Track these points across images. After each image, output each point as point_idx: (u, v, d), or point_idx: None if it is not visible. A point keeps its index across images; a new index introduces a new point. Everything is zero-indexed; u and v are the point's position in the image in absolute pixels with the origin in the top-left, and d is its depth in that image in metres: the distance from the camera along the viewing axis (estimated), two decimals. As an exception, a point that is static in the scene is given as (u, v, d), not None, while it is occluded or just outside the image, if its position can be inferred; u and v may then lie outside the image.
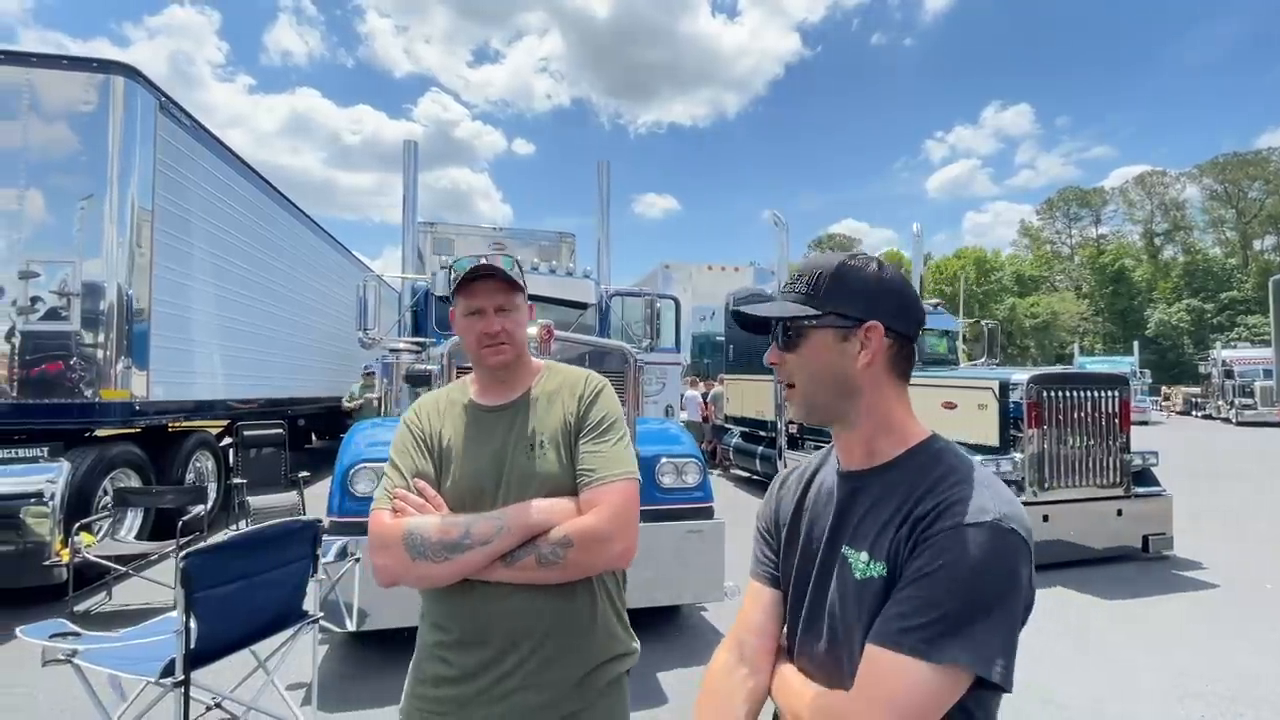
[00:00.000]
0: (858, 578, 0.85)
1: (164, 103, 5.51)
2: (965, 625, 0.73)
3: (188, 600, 2.36)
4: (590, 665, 1.26)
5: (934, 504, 0.80)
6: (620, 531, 1.22)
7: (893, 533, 0.83)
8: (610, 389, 1.41)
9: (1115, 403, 5.69)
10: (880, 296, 0.89)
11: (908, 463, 0.88)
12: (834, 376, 0.90)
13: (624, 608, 1.39)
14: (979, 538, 0.75)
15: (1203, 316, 48.39)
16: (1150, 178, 60.25)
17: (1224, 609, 4.60)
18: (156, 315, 5.46)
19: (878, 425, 0.90)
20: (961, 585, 0.74)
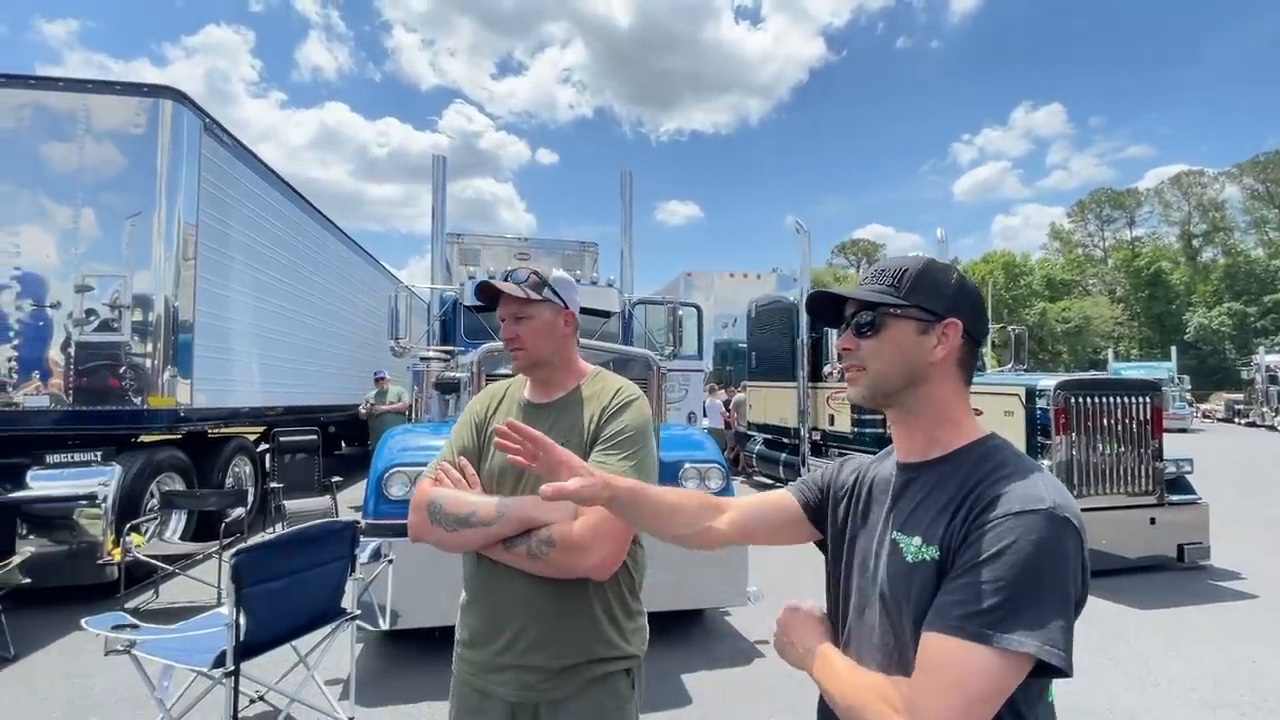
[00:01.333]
0: (909, 560, 0.89)
1: (208, 123, 5.78)
2: (1025, 610, 0.75)
3: (238, 595, 2.50)
4: (572, 659, 1.32)
5: (988, 493, 0.84)
6: (597, 545, 1.25)
7: (947, 520, 0.87)
8: (641, 404, 1.42)
9: (1147, 409, 5.59)
10: (961, 298, 0.96)
11: (963, 456, 0.93)
12: (907, 365, 0.95)
13: (630, 614, 1.41)
14: (1034, 524, 0.78)
15: (1245, 320, 46.71)
16: (1187, 178, 58.51)
17: (1262, 619, 4.49)
18: (199, 326, 5.71)
19: (941, 416, 0.96)
20: (1019, 571, 0.76)
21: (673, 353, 6.46)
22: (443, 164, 6.69)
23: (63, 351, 5.05)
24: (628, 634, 1.40)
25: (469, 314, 6.05)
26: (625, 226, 7.05)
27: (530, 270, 1.48)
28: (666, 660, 3.80)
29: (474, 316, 6.00)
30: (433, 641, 3.87)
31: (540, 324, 1.44)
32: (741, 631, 4.30)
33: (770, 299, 10.27)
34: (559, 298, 1.47)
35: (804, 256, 8.58)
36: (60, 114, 5.16)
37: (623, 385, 1.46)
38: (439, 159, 6.63)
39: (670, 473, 4.08)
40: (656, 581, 3.79)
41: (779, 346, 9.45)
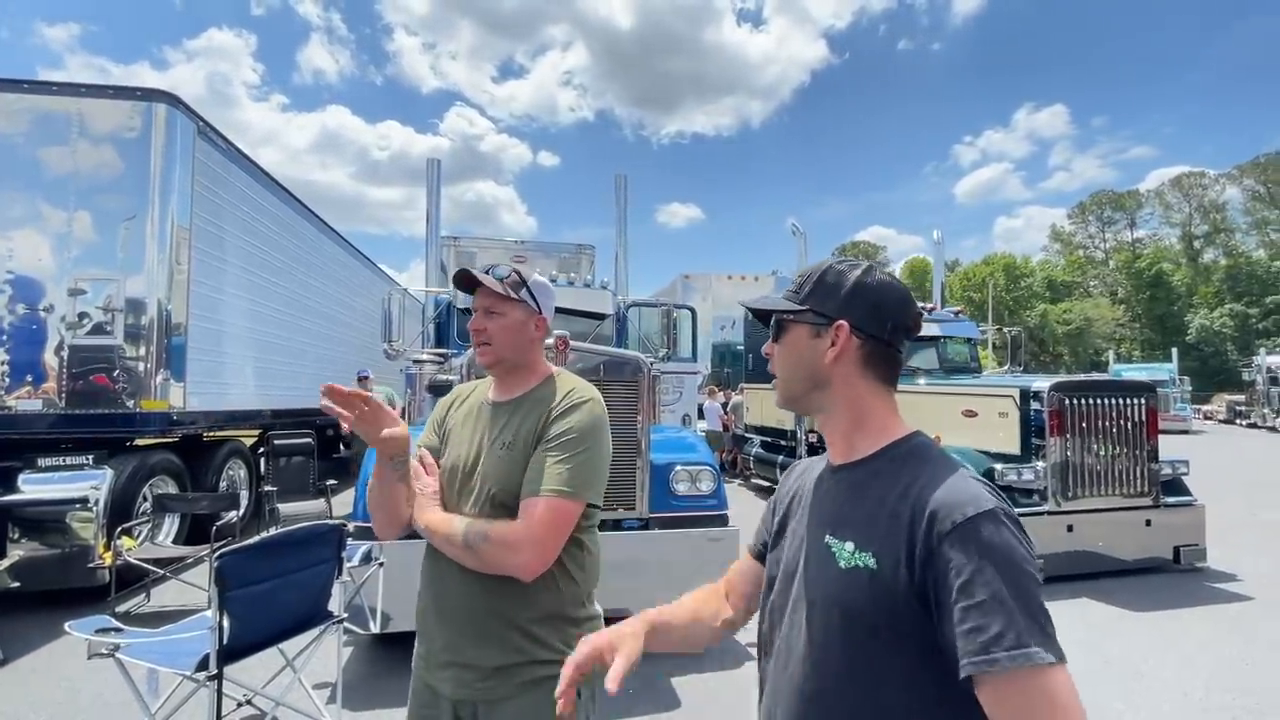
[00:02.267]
0: (842, 566, 0.88)
1: (202, 127, 5.79)
2: (1040, 616, 0.75)
3: (221, 598, 2.49)
4: (507, 659, 1.32)
5: (933, 501, 0.82)
6: (527, 545, 1.26)
7: (884, 525, 0.86)
8: (591, 407, 1.40)
9: (1142, 410, 5.57)
10: (854, 298, 0.94)
11: (888, 455, 0.92)
12: (805, 369, 0.97)
13: (576, 620, 1.39)
14: (992, 528, 0.79)
15: (1247, 321, 46.62)
16: (1188, 179, 58.49)
17: (1257, 622, 4.46)
18: (193, 329, 5.71)
19: (856, 419, 0.95)
20: (1008, 578, 0.75)
21: (667, 355, 6.45)
22: (437, 167, 6.70)
23: (56, 355, 5.05)
24: (570, 637, 1.36)
25: (463, 316, 6.04)
26: (620, 229, 7.06)
27: (513, 269, 1.49)
28: (654, 663, 3.79)
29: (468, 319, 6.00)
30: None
31: (510, 323, 1.45)
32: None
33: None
34: (534, 301, 1.48)
35: (800, 258, 8.58)
36: (54, 118, 5.17)
37: (575, 387, 1.45)
38: (433, 162, 6.65)
39: (662, 475, 4.07)
40: (646, 586, 3.81)
41: (776, 348, 9.44)
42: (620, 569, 3.41)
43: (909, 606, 0.81)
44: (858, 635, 0.86)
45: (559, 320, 6.06)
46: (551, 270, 7.59)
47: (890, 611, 0.82)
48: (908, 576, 0.81)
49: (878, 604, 0.84)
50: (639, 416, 3.89)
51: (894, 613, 0.82)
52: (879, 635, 0.84)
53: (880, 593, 0.83)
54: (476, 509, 1.37)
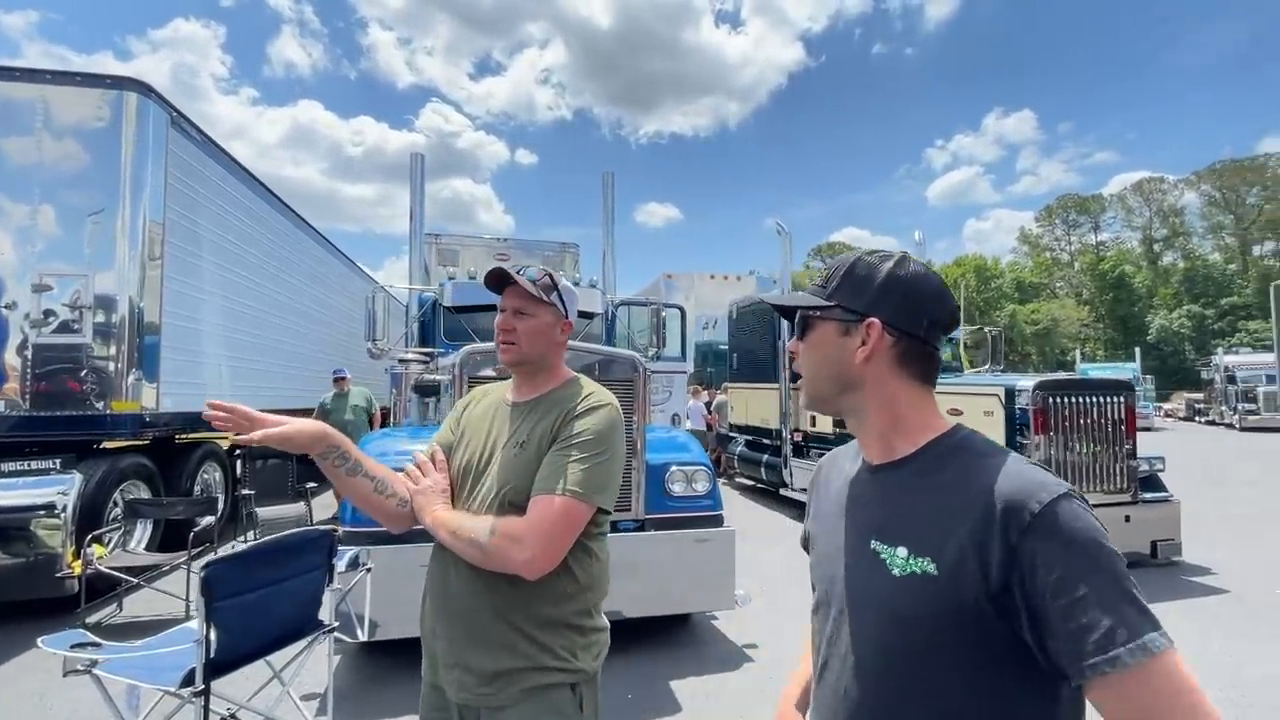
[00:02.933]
0: (896, 574, 0.81)
1: (175, 117, 5.58)
2: (1141, 599, 0.71)
3: (208, 609, 2.38)
4: (506, 664, 1.30)
5: (1000, 495, 0.76)
6: (534, 541, 1.23)
7: (942, 527, 0.79)
8: (607, 412, 1.39)
9: (1121, 409, 5.70)
10: (885, 292, 0.88)
11: (932, 452, 0.86)
12: (834, 369, 0.91)
13: (580, 627, 1.36)
14: (1072, 513, 0.73)
15: (1203, 322, 48.38)
16: (1148, 184, 60.53)
17: (1235, 614, 4.60)
18: (166, 327, 5.50)
19: (892, 420, 0.89)
20: (1104, 566, 0.71)
21: (656, 354, 6.41)
22: (421, 162, 6.56)
23: (19, 354, 4.82)
24: (575, 646, 1.34)
25: (449, 315, 5.93)
26: (607, 228, 7.00)
27: (545, 271, 1.49)
28: (654, 667, 3.75)
29: (454, 318, 5.88)
30: (414, 652, 3.75)
31: (539, 324, 1.45)
32: (728, 635, 4.27)
33: (751, 301, 10.29)
34: (563, 305, 1.48)
35: (784, 258, 8.61)
36: (17, 106, 4.93)
37: (593, 391, 1.44)
38: (417, 157, 6.50)
39: (657, 476, 4.03)
40: (643, 587, 3.77)
41: (760, 348, 9.48)
42: (617, 571, 3.35)
43: (980, 612, 0.74)
44: (918, 646, 0.79)
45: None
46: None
47: (956, 619, 0.76)
48: (980, 579, 0.74)
49: (941, 612, 0.77)
50: (634, 416, 3.84)
51: (961, 620, 0.76)
52: (944, 645, 0.78)
53: (943, 600, 0.77)
54: (487, 508, 1.35)
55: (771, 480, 9.09)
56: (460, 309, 5.92)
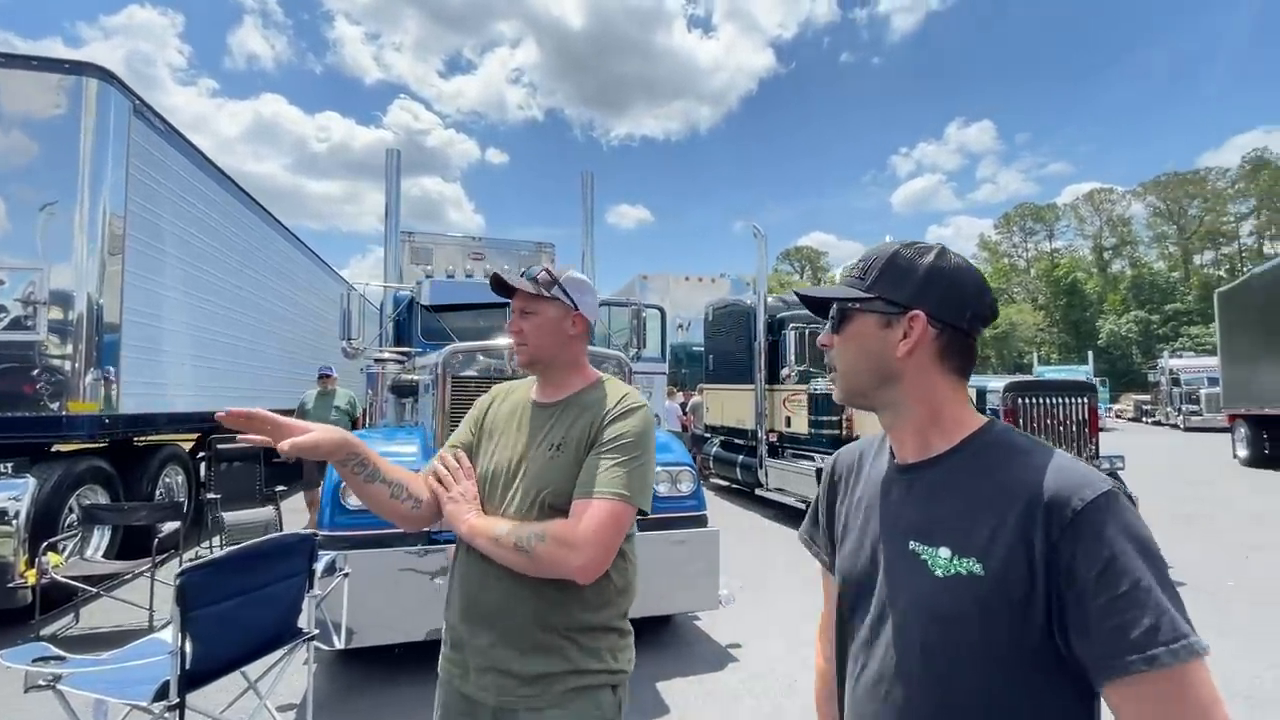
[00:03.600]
0: (939, 575, 0.80)
1: (138, 105, 5.35)
2: (1181, 601, 0.69)
3: (184, 619, 2.28)
4: (549, 667, 1.28)
5: (1043, 490, 0.75)
6: (587, 545, 1.22)
7: (986, 525, 0.77)
8: (644, 413, 1.39)
9: (1084, 409, 5.93)
10: (929, 284, 0.86)
11: (971, 449, 0.84)
12: (874, 362, 0.89)
13: (619, 629, 1.36)
14: (1116, 510, 0.72)
15: (1149, 327, 50.68)
16: (1099, 194, 63.17)
17: (1192, 606, 4.67)
18: (127, 325, 5.26)
19: (930, 415, 0.87)
20: (1147, 565, 0.70)
21: (636, 354, 6.41)
22: (396, 158, 6.44)
23: (-34, 352, 4.55)
24: (616, 649, 1.35)
25: (426, 314, 5.82)
26: (587, 227, 6.97)
27: (544, 267, 1.47)
28: (640, 668, 3.72)
29: (432, 317, 5.78)
30: (393, 659, 3.68)
31: (545, 321, 1.42)
32: (712, 635, 4.28)
33: (727, 302, 10.37)
34: (568, 297, 1.44)
35: (760, 260, 8.70)
36: (-36, 91, 4.66)
37: (628, 392, 1.43)
38: (393, 153, 6.38)
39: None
40: (629, 588, 3.75)
41: (736, 349, 9.55)
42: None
43: (1028, 611, 0.73)
44: (964, 648, 0.77)
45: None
46: (515, 268, 7.44)
47: (1006, 618, 0.74)
48: (1026, 578, 0.73)
49: (989, 614, 0.75)
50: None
51: (1011, 619, 0.74)
52: (991, 646, 0.76)
53: (991, 600, 0.75)
54: (523, 513, 1.32)
55: (747, 481, 9.16)
56: (438, 308, 5.82)
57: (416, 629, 3.44)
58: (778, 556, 6.35)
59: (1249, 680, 3.58)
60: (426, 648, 3.57)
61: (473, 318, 5.91)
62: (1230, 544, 6.63)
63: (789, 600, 4.94)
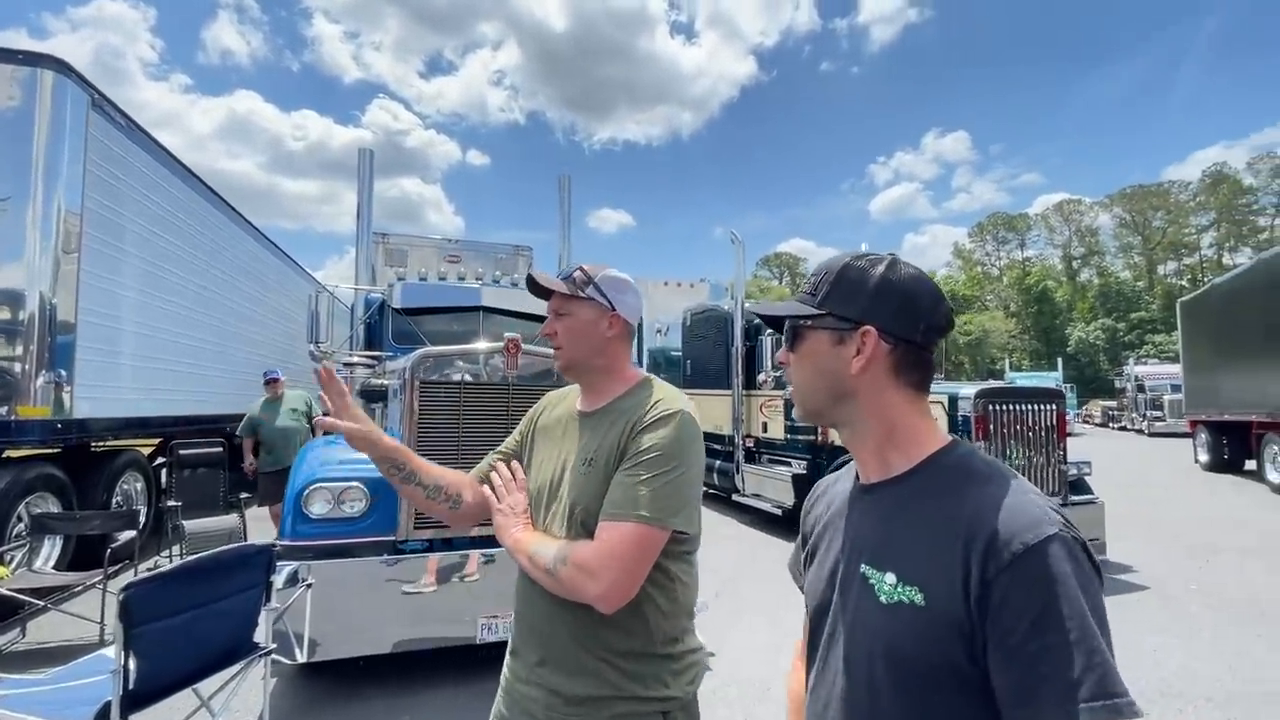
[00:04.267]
0: (883, 601, 0.78)
1: (96, 99, 5.17)
2: (1113, 660, 0.67)
3: (126, 636, 2.18)
4: (593, 691, 1.23)
5: (983, 526, 0.72)
6: (604, 572, 1.15)
7: (930, 554, 0.75)
8: (678, 421, 1.25)
9: (1053, 416, 6.02)
10: (880, 298, 0.84)
11: (928, 472, 0.82)
12: (828, 379, 0.86)
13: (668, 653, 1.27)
14: (1058, 555, 0.69)
15: (1116, 335, 52.11)
16: (1068, 205, 64.88)
17: (1156, 610, 4.90)
18: (83, 326, 5.07)
19: (885, 434, 0.85)
20: (1080, 616, 0.66)
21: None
22: (369, 159, 6.32)
23: (-94, 353, 4.34)
24: (665, 673, 1.25)
25: (398, 317, 5.71)
26: (564, 231, 6.92)
27: (579, 266, 1.41)
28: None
29: (404, 320, 5.67)
30: (357, 673, 3.57)
31: (578, 323, 1.37)
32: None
33: (705, 308, 10.38)
34: (604, 298, 1.37)
35: (738, 266, 8.72)
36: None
37: (663, 397, 1.30)
38: (365, 153, 6.26)
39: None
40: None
41: (714, 355, 9.55)
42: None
43: (965, 650, 0.71)
44: (907, 680, 0.75)
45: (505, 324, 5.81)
46: (493, 271, 7.34)
47: (941, 654, 0.72)
48: (963, 614, 0.71)
49: (926, 645, 0.73)
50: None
51: (946, 656, 0.72)
52: (932, 682, 0.73)
53: (929, 632, 0.73)
54: (563, 530, 1.27)
55: (723, 486, 9.16)
56: (410, 311, 5.71)
57: (383, 641, 3.35)
58: (754, 563, 6.34)
59: (1210, 683, 3.64)
60: (393, 660, 3.49)
61: (446, 321, 5.81)
62: (1191, 547, 6.79)
63: (765, 606, 4.92)
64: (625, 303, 1.39)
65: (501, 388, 3.68)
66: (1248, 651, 4.08)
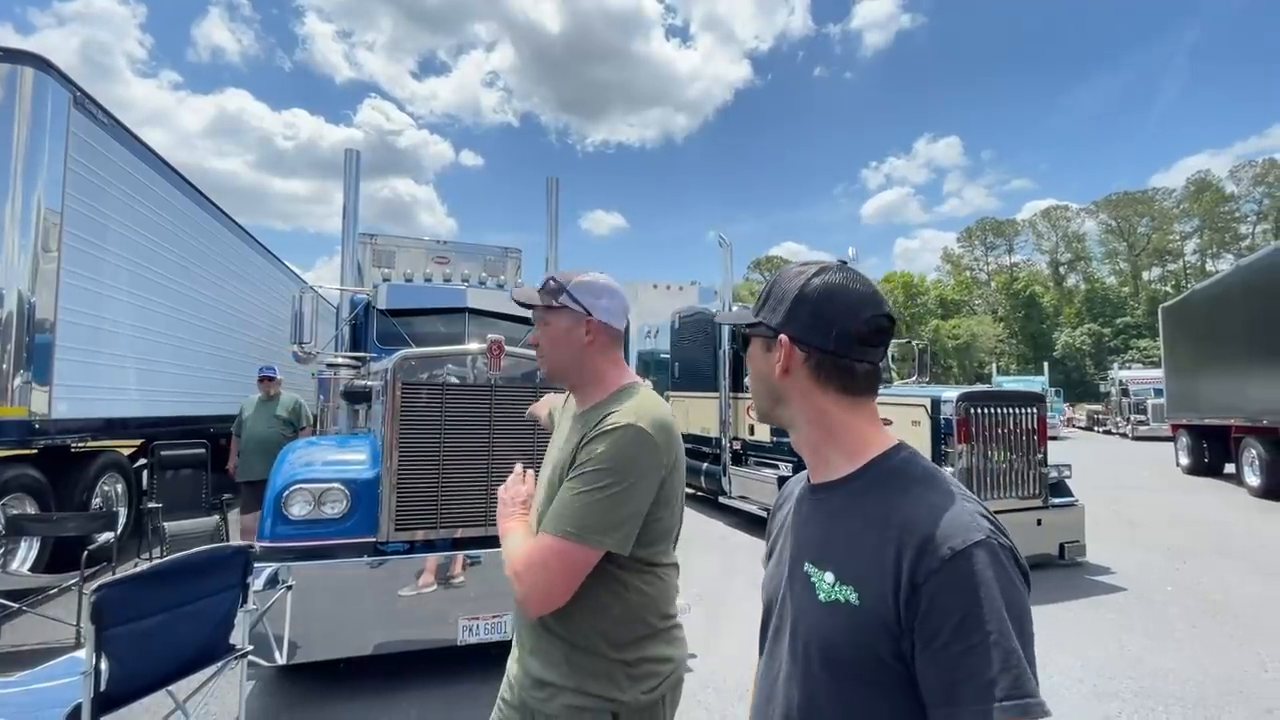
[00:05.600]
0: (822, 599, 0.81)
1: (78, 97, 5.13)
2: (1033, 663, 0.69)
3: (98, 637, 2.16)
4: (551, 677, 1.28)
5: (918, 531, 0.74)
6: (525, 579, 1.20)
7: (865, 555, 0.78)
8: (623, 435, 1.22)
9: (1034, 419, 6.09)
10: (796, 307, 0.87)
11: (868, 475, 0.85)
12: (764, 384, 0.93)
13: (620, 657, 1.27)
14: (983, 562, 0.71)
15: (1101, 340, 52.73)
16: (1055, 211, 65.65)
17: (1133, 611, 4.97)
18: (63, 325, 5.02)
19: (823, 434, 0.88)
20: (1000, 620, 0.69)
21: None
22: (356, 159, 6.29)
23: (-120, 352, 4.28)
24: (617, 675, 1.26)
25: (383, 318, 5.69)
26: (551, 233, 6.91)
27: (551, 275, 1.43)
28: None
29: (389, 321, 5.65)
30: (336, 675, 3.56)
31: (554, 331, 1.40)
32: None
33: (694, 310, 10.41)
34: (578, 304, 1.37)
35: (725, 270, 8.75)
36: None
37: (621, 409, 1.27)
38: (352, 153, 6.23)
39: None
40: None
41: (702, 357, 9.58)
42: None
43: (894, 650, 0.74)
44: (841, 677, 0.78)
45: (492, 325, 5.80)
46: (479, 273, 7.33)
47: (873, 652, 0.75)
48: (893, 615, 0.73)
49: (859, 643, 0.76)
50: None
51: (877, 654, 0.75)
52: (864, 677, 0.76)
53: (862, 631, 0.75)
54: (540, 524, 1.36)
55: (710, 489, 9.18)
56: (396, 312, 5.70)
57: (363, 643, 3.33)
58: (739, 565, 6.36)
59: (1184, 682, 3.70)
60: (373, 662, 3.47)
61: (432, 323, 5.79)
62: (1169, 550, 6.88)
63: (747, 609, 4.94)
64: (602, 307, 1.38)
65: (484, 390, 3.68)
66: (1222, 652, 4.15)
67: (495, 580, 3.50)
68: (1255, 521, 8.50)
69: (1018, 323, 58.81)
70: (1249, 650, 4.18)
